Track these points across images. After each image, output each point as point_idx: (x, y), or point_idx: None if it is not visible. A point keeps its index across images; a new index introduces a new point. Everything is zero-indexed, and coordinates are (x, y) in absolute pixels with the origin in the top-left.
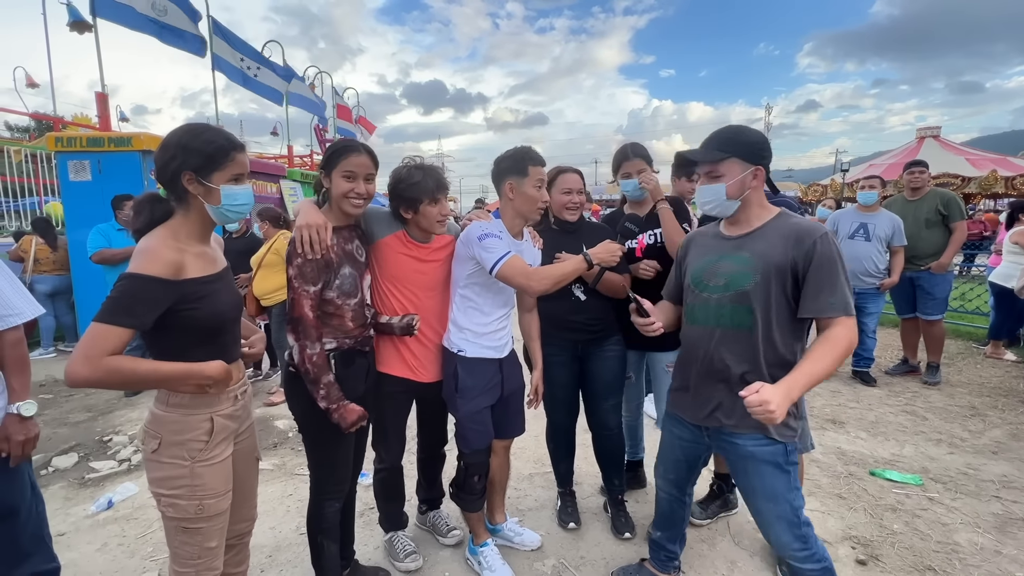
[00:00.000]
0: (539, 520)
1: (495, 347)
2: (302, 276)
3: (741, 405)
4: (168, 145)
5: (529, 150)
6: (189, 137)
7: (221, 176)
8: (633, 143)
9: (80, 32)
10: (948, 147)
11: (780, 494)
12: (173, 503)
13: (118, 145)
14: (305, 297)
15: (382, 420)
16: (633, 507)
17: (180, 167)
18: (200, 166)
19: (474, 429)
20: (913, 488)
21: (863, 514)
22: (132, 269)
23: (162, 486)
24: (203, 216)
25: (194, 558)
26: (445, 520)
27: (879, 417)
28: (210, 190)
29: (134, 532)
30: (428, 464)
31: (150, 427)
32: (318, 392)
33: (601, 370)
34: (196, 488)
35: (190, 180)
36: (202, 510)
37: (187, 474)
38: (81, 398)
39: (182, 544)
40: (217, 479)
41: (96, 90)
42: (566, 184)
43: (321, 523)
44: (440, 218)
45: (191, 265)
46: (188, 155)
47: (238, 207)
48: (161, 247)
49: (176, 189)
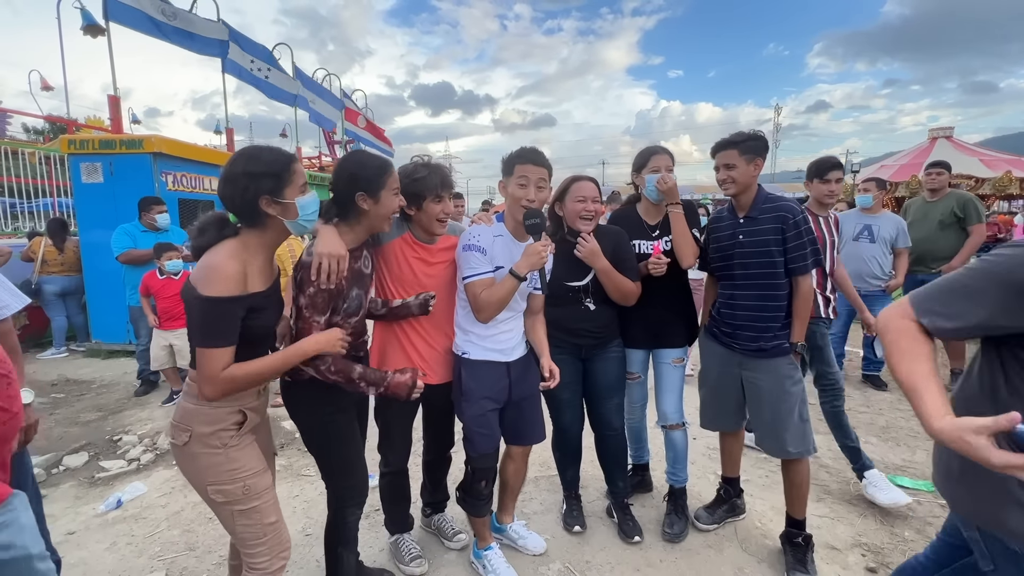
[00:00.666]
0: (544, 524)
1: (500, 350)
2: (314, 307)
3: None
4: (234, 177)
5: (523, 149)
6: (251, 163)
7: (292, 191)
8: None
9: (93, 36)
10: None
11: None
12: (220, 489)
13: (129, 147)
14: (315, 327)
15: (388, 422)
16: (639, 511)
17: (256, 193)
18: (273, 187)
19: (479, 432)
20: (924, 495)
21: (874, 521)
22: (204, 292)
23: (203, 475)
24: (278, 233)
25: (259, 537)
26: (450, 523)
27: (890, 422)
28: (286, 206)
29: (142, 531)
30: (434, 467)
31: (180, 421)
32: (359, 386)
33: (603, 371)
34: (235, 471)
35: (268, 203)
36: (248, 489)
37: (223, 460)
38: (92, 398)
39: (244, 527)
40: (251, 458)
41: (109, 93)
42: (580, 192)
43: (343, 533)
44: (441, 216)
45: (253, 278)
46: (258, 180)
47: (312, 215)
48: (226, 262)
49: (254, 214)
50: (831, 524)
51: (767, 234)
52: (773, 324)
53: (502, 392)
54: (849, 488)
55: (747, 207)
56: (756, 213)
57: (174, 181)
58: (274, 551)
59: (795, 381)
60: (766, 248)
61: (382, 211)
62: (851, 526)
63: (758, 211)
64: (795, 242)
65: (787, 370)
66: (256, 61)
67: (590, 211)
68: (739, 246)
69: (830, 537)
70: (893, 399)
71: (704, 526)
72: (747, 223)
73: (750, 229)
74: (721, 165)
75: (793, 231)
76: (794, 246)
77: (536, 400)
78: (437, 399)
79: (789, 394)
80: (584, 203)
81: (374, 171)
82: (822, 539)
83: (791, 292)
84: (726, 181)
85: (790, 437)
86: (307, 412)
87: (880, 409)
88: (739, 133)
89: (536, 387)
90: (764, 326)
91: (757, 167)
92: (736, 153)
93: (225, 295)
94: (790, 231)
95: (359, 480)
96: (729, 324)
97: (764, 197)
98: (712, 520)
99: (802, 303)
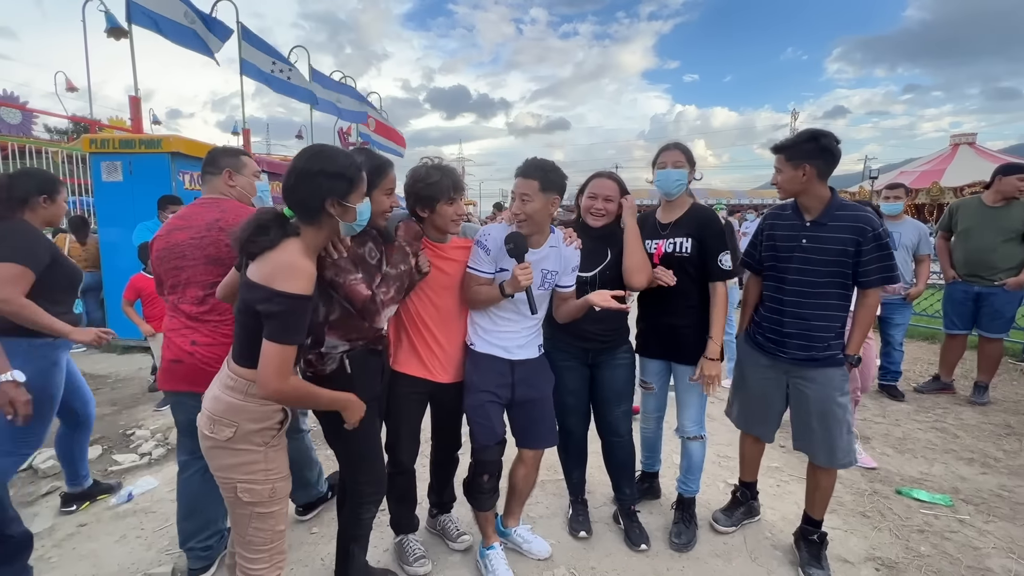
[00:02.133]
0: (550, 528)
1: (503, 347)
2: (341, 270)
3: None
4: (309, 175)
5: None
6: (328, 163)
7: (357, 197)
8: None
9: (117, 38)
10: (984, 154)
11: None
12: (250, 488)
13: (148, 147)
14: (356, 283)
15: (396, 421)
16: (646, 518)
17: (328, 193)
18: (344, 191)
19: (477, 423)
20: (942, 509)
21: (888, 534)
22: (289, 289)
23: (237, 472)
24: (332, 231)
25: (266, 543)
26: (456, 525)
27: (907, 433)
28: (347, 210)
29: (152, 525)
30: (441, 467)
31: (225, 416)
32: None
33: (612, 377)
34: (270, 472)
35: (333, 203)
36: (275, 492)
37: (261, 459)
38: (107, 392)
39: (256, 531)
40: (283, 462)
41: (130, 94)
42: (592, 189)
43: (357, 530)
44: (455, 218)
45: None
46: (333, 181)
47: (364, 220)
48: (303, 264)
49: (316, 213)
50: (844, 536)
51: (838, 243)
52: (827, 335)
53: (504, 389)
54: (864, 500)
55: (816, 211)
56: (827, 219)
57: (191, 180)
58: (274, 559)
59: (844, 392)
60: (834, 257)
61: (375, 208)
62: (864, 539)
63: (829, 217)
64: (872, 255)
65: (838, 381)
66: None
67: (598, 209)
68: (800, 250)
69: (842, 550)
70: (910, 410)
71: (723, 528)
72: (814, 228)
73: (817, 235)
74: (774, 168)
75: (872, 243)
76: (871, 259)
77: (546, 404)
78: (446, 398)
79: (839, 405)
80: (594, 200)
81: (370, 171)
82: (834, 551)
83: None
84: (776, 185)
85: (840, 449)
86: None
87: (897, 420)
88: (795, 135)
89: (547, 390)
90: (819, 336)
91: (806, 173)
92: (783, 158)
93: (305, 293)
94: (868, 243)
95: (378, 476)
96: (776, 331)
97: (838, 203)
98: (730, 522)
99: (867, 314)
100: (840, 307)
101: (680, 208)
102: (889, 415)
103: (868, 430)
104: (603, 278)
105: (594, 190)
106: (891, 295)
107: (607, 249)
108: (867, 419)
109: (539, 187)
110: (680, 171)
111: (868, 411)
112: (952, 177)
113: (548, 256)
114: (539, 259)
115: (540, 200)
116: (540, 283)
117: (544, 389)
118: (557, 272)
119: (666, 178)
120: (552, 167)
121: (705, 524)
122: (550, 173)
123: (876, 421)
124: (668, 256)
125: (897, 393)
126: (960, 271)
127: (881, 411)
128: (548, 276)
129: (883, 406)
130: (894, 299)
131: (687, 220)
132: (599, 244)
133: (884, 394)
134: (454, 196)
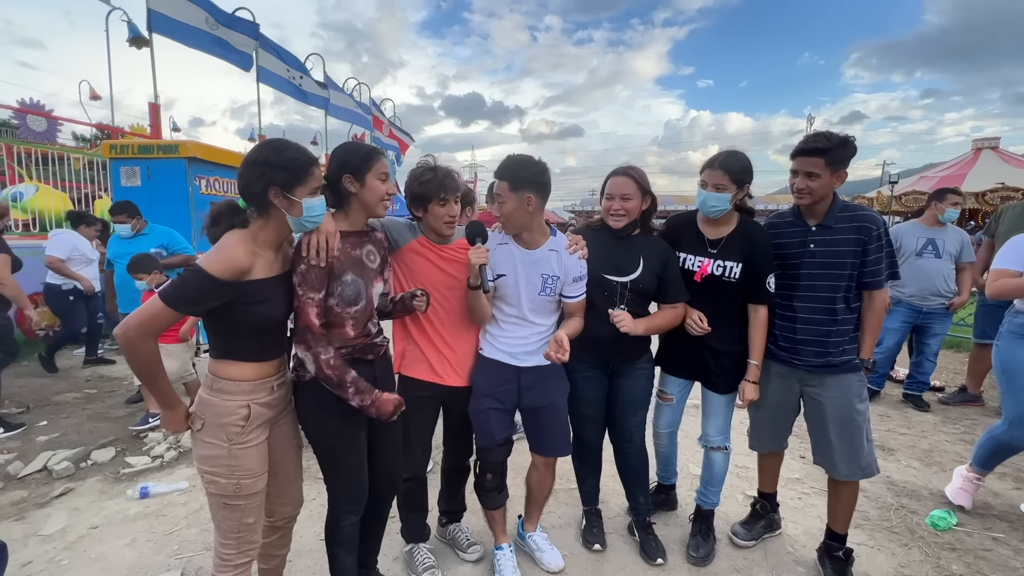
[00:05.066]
0: (563, 539)
1: (510, 353)
2: (306, 283)
3: None
4: (255, 162)
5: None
6: (274, 155)
7: (303, 190)
8: (732, 152)
9: (139, 47)
10: (1008, 159)
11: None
12: (214, 480)
13: (166, 152)
14: (310, 305)
15: (407, 427)
16: (662, 530)
17: (268, 182)
18: (285, 181)
19: (478, 426)
20: (975, 525)
21: (918, 552)
22: (202, 263)
23: (205, 463)
24: (281, 226)
25: (234, 532)
26: (466, 534)
27: (933, 445)
28: (293, 203)
29: (162, 528)
30: (452, 475)
31: (197, 409)
32: (347, 392)
33: (631, 387)
34: (234, 468)
35: (276, 195)
36: (239, 488)
37: (226, 455)
38: (122, 394)
39: (224, 519)
40: (253, 461)
41: (150, 101)
42: (609, 189)
43: (337, 535)
44: (447, 219)
45: (259, 268)
46: (274, 171)
47: (315, 217)
48: (237, 249)
49: (261, 202)
50: (870, 553)
51: (844, 244)
52: (841, 338)
53: (509, 395)
54: (890, 515)
55: (821, 215)
56: (832, 222)
57: (207, 185)
58: (242, 548)
59: (863, 399)
60: (841, 260)
61: (369, 195)
62: (892, 556)
63: (834, 219)
64: (876, 254)
65: (857, 387)
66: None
67: (616, 210)
68: (809, 255)
69: (869, 567)
70: (936, 420)
71: (743, 542)
72: (820, 232)
73: (824, 239)
74: (802, 172)
75: (875, 243)
76: (875, 259)
77: (556, 412)
78: (457, 403)
79: (858, 413)
80: (611, 201)
81: (361, 156)
82: (860, 569)
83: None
84: (803, 191)
85: (862, 458)
86: (312, 412)
87: (923, 431)
88: (826, 136)
89: (557, 399)
90: (833, 340)
91: (841, 179)
92: (822, 162)
93: (214, 274)
94: (872, 243)
95: (354, 487)
96: (788, 339)
97: (841, 205)
98: (751, 536)
99: (875, 317)
100: (851, 310)
101: (728, 224)
102: (915, 426)
103: (892, 441)
104: (634, 289)
105: (611, 190)
106: (933, 306)
107: (639, 257)
108: (891, 430)
109: (508, 187)
110: (721, 196)
111: (892, 422)
112: (974, 182)
113: (547, 259)
114: (535, 260)
115: (512, 200)
116: (541, 288)
117: (554, 398)
118: (559, 278)
119: (703, 202)
120: (522, 164)
121: (724, 538)
122: (519, 171)
123: (901, 432)
124: (713, 278)
125: (922, 404)
126: None
127: (906, 422)
128: (549, 281)
129: (908, 417)
130: (936, 309)
131: (739, 240)
132: (630, 251)
133: (909, 404)
134: (446, 197)
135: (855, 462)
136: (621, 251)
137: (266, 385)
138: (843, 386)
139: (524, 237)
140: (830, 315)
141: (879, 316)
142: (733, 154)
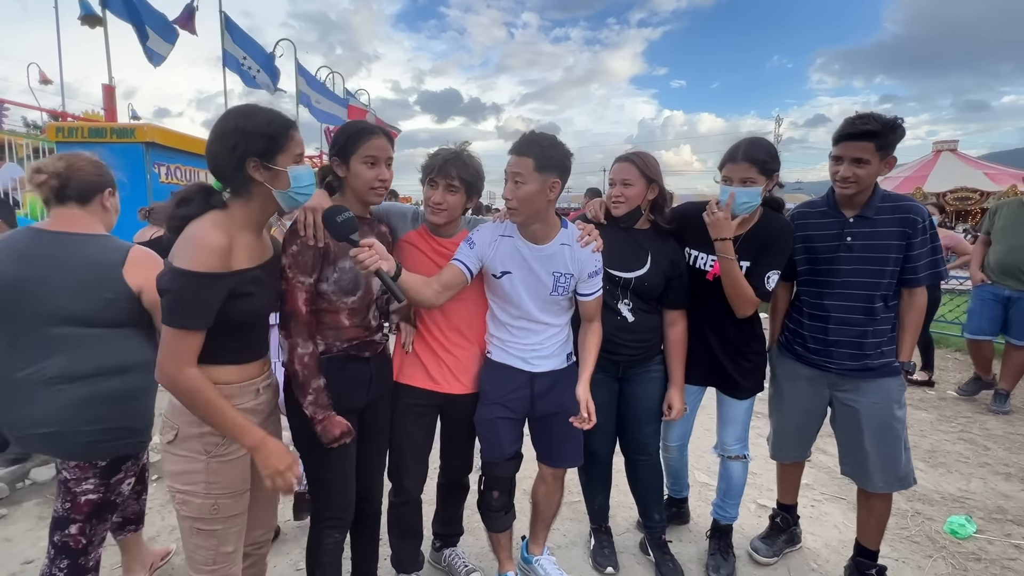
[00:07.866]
0: (570, 560)
1: (521, 357)
2: (297, 265)
3: None
4: (225, 133)
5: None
6: (246, 121)
7: (286, 158)
8: (753, 139)
9: (91, 26)
10: (966, 160)
11: None
12: (187, 500)
13: (120, 136)
14: (299, 289)
15: (399, 440)
16: (677, 547)
17: (244, 154)
18: (265, 150)
19: (485, 437)
20: (995, 533)
21: (943, 564)
22: (183, 264)
23: (177, 480)
24: (265, 205)
25: (209, 563)
26: (463, 560)
27: (935, 445)
28: (277, 174)
29: (112, 562)
30: (449, 493)
31: (168, 416)
32: (306, 397)
33: (644, 393)
34: (212, 486)
35: (255, 167)
36: (217, 510)
37: (203, 469)
38: None
39: (197, 547)
40: (234, 477)
41: (103, 83)
42: (611, 175)
43: (318, 556)
44: (431, 204)
45: (239, 255)
46: (249, 139)
47: (305, 188)
48: (210, 236)
49: (239, 179)
50: (896, 567)
51: (886, 237)
52: (879, 339)
53: (520, 402)
54: (908, 522)
55: (860, 205)
56: (872, 212)
57: (167, 173)
58: None
59: (902, 405)
60: (883, 254)
61: (355, 181)
62: (919, 569)
63: (874, 210)
64: (921, 249)
65: (896, 392)
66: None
67: (616, 196)
68: (845, 249)
69: None
70: (932, 419)
71: (764, 559)
72: (859, 223)
73: (863, 231)
74: (848, 158)
75: (921, 236)
76: (920, 253)
77: (567, 419)
78: (456, 411)
79: (897, 420)
80: (613, 187)
81: (347, 136)
82: None
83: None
84: (849, 180)
85: (899, 469)
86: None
87: (921, 430)
88: (876, 118)
89: (571, 404)
90: (870, 342)
91: (889, 166)
92: (873, 147)
93: (206, 271)
94: (918, 236)
95: (339, 502)
96: (819, 340)
97: (882, 194)
98: (772, 553)
99: (916, 316)
100: (890, 308)
101: (748, 219)
102: (912, 424)
103: None
104: (639, 286)
105: (612, 176)
106: None
107: (647, 252)
108: None
109: (534, 166)
110: (750, 191)
111: None
112: (935, 183)
113: (559, 255)
114: (546, 257)
115: (536, 182)
116: (553, 288)
117: (568, 403)
118: (573, 276)
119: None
120: (552, 142)
121: (742, 554)
122: (548, 149)
123: None
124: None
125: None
126: (992, 273)
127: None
128: (562, 280)
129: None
130: None
131: (758, 236)
132: (636, 243)
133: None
134: (435, 179)
135: (892, 472)
136: (626, 244)
137: (250, 388)
138: (882, 391)
139: (534, 229)
140: (867, 315)
141: (920, 315)
142: (755, 141)
